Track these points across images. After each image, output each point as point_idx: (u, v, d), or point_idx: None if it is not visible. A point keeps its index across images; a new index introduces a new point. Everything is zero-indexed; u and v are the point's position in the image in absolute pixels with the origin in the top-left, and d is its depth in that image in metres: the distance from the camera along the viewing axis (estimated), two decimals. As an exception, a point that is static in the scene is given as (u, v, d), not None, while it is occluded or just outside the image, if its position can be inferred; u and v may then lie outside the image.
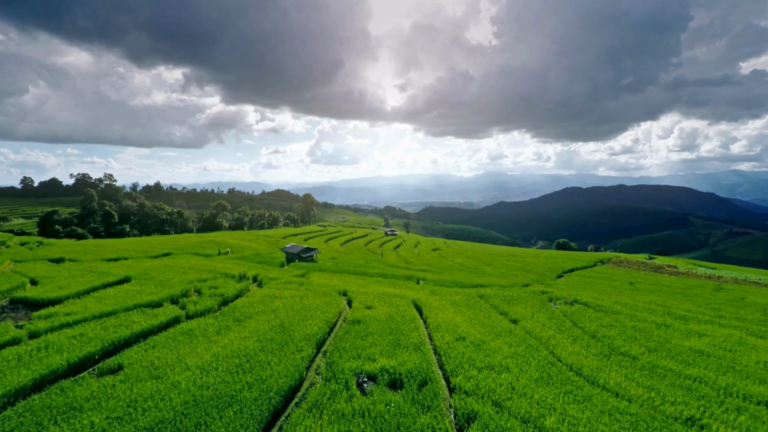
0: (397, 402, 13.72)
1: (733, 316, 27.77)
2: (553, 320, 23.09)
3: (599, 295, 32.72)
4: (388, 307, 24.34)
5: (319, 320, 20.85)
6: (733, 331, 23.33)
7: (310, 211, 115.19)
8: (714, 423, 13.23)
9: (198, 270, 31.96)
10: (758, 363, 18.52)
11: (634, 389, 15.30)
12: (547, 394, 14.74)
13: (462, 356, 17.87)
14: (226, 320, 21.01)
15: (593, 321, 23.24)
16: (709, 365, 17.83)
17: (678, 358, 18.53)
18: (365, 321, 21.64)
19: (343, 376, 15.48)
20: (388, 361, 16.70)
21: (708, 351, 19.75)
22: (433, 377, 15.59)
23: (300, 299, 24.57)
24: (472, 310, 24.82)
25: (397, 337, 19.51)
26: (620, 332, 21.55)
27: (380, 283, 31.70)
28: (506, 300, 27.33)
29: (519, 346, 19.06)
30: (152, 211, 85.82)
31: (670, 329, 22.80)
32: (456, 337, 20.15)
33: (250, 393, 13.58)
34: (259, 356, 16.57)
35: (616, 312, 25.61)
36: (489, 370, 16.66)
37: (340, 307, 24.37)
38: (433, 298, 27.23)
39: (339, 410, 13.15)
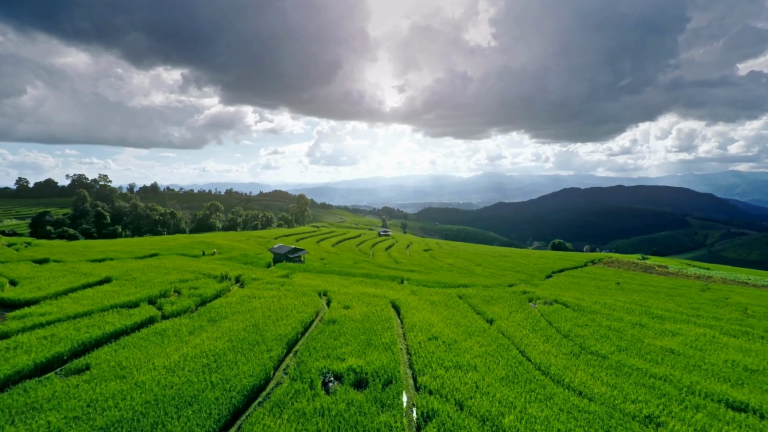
0: (358, 401, 13.82)
1: (711, 315, 27.92)
2: (529, 320, 23.21)
3: (581, 295, 32.86)
4: (365, 307, 24.43)
5: (294, 320, 20.93)
6: (707, 330, 23.49)
7: (304, 212, 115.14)
8: (671, 421, 13.36)
9: (181, 270, 32.01)
10: (726, 362, 18.68)
11: (597, 388, 15.42)
12: (510, 393, 14.87)
13: (432, 356, 17.99)
14: (202, 320, 21.08)
15: (569, 321, 23.37)
16: (677, 364, 17.96)
17: (647, 357, 18.67)
18: (341, 321, 21.74)
19: (309, 375, 15.58)
20: (356, 360, 16.80)
21: (678, 350, 19.91)
22: (399, 376, 15.68)
23: (278, 299, 24.64)
24: (450, 310, 24.93)
25: (370, 337, 19.61)
26: (594, 332, 21.68)
27: (363, 283, 31.79)
28: (486, 300, 27.44)
29: (490, 346, 19.18)
30: (145, 212, 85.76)
31: (645, 328, 22.96)
32: (429, 336, 20.25)
33: (212, 393, 13.66)
34: (228, 356, 16.65)
35: (593, 312, 25.75)
36: (456, 369, 16.77)
37: (318, 307, 24.47)
38: (413, 298, 27.33)
39: (300, 409, 13.25)
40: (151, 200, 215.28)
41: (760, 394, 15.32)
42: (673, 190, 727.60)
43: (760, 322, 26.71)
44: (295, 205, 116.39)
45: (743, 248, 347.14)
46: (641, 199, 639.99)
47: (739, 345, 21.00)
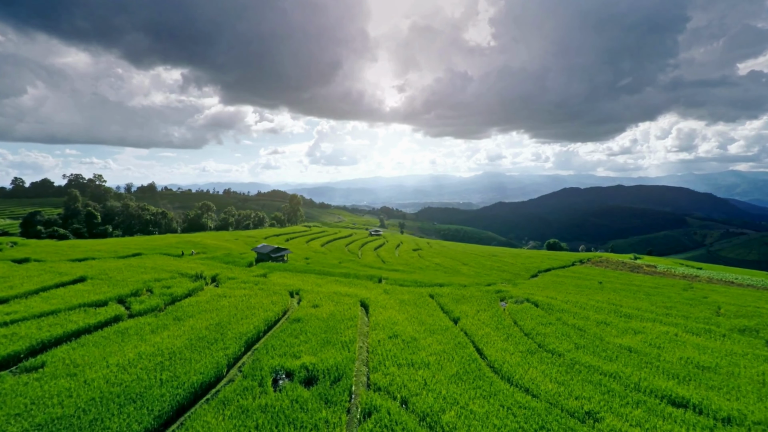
0: (304, 398, 14.04)
1: (681, 314, 28.12)
2: (495, 318, 23.43)
3: (557, 294, 33.06)
4: (334, 305, 24.66)
5: (258, 319, 21.15)
6: (671, 328, 23.70)
7: (297, 211, 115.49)
8: (609, 416, 13.58)
9: (159, 270, 32.25)
10: (681, 359, 18.89)
11: (545, 385, 15.63)
12: (456, 389, 15.09)
13: (389, 353, 18.21)
14: (167, 319, 21.30)
15: (534, 319, 23.58)
16: (630, 362, 18.16)
17: (602, 355, 18.87)
18: (306, 319, 21.97)
19: (261, 373, 15.79)
20: (310, 358, 17.02)
21: (636, 348, 20.12)
22: (349, 374, 15.91)
23: (247, 298, 24.87)
24: (418, 308, 25.15)
25: (330, 335, 19.83)
26: (556, 330, 21.89)
27: (339, 282, 32.01)
28: (456, 299, 27.65)
29: (448, 344, 19.39)
30: (137, 212, 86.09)
31: (609, 327, 23.16)
32: (390, 334, 20.47)
33: (159, 390, 13.87)
34: (184, 354, 16.86)
35: (562, 310, 25.95)
36: (409, 366, 17.00)
37: (287, 305, 24.70)
38: (384, 297, 27.56)
39: (243, 406, 13.47)
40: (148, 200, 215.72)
41: (703, 390, 15.52)
42: (673, 190, 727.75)
43: (728, 321, 26.90)
44: (288, 204, 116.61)
45: (742, 248, 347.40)
46: (641, 199, 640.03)
47: (698, 343, 21.19)
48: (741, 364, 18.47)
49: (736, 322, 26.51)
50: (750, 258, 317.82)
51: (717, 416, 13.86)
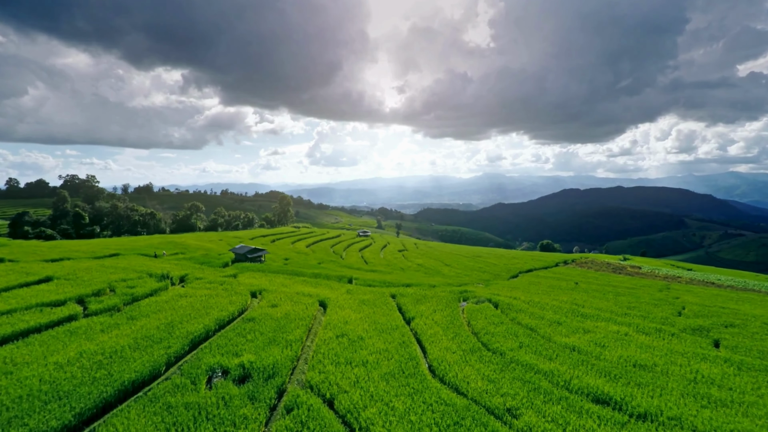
0: (231, 395, 14.36)
1: (641, 314, 28.39)
2: (448, 318, 23.73)
3: (524, 294, 33.33)
4: (292, 305, 24.97)
5: (211, 318, 21.45)
6: (624, 328, 23.99)
7: (287, 212, 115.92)
8: (528, 413, 13.89)
9: (129, 270, 32.56)
10: (620, 358, 19.18)
11: (475, 383, 15.93)
12: (386, 387, 15.40)
13: (331, 351, 18.55)
14: (121, 318, 21.60)
15: (487, 319, 23.87)
16: (569, 360, 18.44)
17: (543, 354, 19.15)
18: (260, 319, 22.29)
19: (197, 371, 16.10)
20: (250, 356, 17.32)
21: (581, 347, 20.40)
22: (284, 371, 16.22)
23: (207, 298, 25.18)
24: (375, 308, 25.45)
25: (279, 334, 20.13)
26: (506, 329, 22.17)
27: (306, 282, 32.32)
28: (417, 299, 27.95)
29: (393, 343, 19.69)
30: (126, 213, 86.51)
31: (561, 326, 23.44)
32: (338, 333, 20.80)
33: (88, 388, 14.17)
34: (126, 353, 17.16)
35: (519, 310, 26.22)
36: (347, 365, 17.31)
37: (246, 305, 25.01)
38: (345, 297, 27.86)
39: (169, 403, 13.77)
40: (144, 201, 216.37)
41: (630, 387, 15.80)
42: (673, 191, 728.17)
43: (686, 320, 27.18)
44: (278, 205, 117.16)
45: (740, 249, 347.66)
46: (640, 200, 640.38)
47: (644, 342, 21.46)
48: (678, 362, 18.75)
49: (693, 321, 26.79)
50: (748, 259, 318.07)
51: (633, 412, 14.14)
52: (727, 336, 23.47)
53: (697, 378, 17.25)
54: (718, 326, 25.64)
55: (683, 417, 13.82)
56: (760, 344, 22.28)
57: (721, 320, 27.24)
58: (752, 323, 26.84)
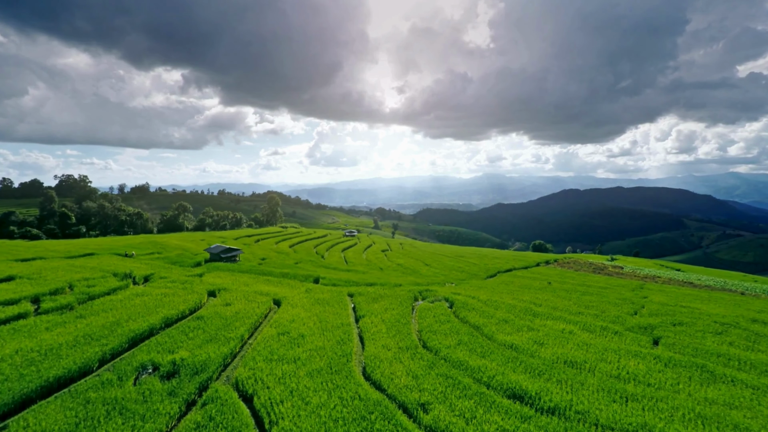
0: (153, 390, 14.75)
1: (594, 312, 28.74)
2: (396, 317, 24.08)
3: (487, 293, 33.67)
4: (246, 304, 25.34)
5: (158, 317, 21.81)
6: (570, 326, 24.33)
7: (276, 212, 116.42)
8: (439, 407, 14.30)
9: (96, 269, 32.94)
10: (553, 355, 19.52)
11: (399, 380, 16.31)
12: (309, 383, 15.79)
13: (268, 349, 18.93)
14: (70, 317, 21.94)
15: (435, 317, 24.24)
16: (501, 358, 18.79)
17: (478, 351, 19.51)
18: (208, 317, 22.67)
19: (128, 368, 16.50)
20: (185, 353, 17.69)
21: (519, 344, 20.74)
22: (212, 367, 16.59)
23: (162, 297, 25.54)
24: (328, 307, 25.81)
25: (222, 331, 20.49)
26: (449, 328, 22.52)
27: (269, 282, 32.70)
28: (374, 298, 28.31)
29: (332, 341, 20.05)
30: (113, 213, 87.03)
31: (507, 325, 23.78)
32: (282, 331, 21.19)
33: (11, 384, 14.53)
34: (62, 350, 17.50)
35: (472, 309, 26.56)
36: (279, 361, 17.71)
37: (200, 303, 25.37)
38: (302, 296, 28.22)
39: (89, 398, 14.17)
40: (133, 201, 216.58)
41: (550, 383, 16.18)
42: (672, 192, 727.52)
43: (637, 319, 27.52)
44: (267, 205, 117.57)
45: (738, 250, 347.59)
46: (640, 201, 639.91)
47: (585, 340, 21.78)
48: (609, 359, 19.10)
49: (644, 320, 27.11)
50: (746, 260, 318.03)
51: (543, 406, 14.54)
52: (670, 334, 23.78)
53: (621, 374, 17.59)
54: (667, 325, 25.94)
55: (590, 411, 14.19)
56: (699, 342, 22.61)
57: (673, 319, 27.55)
58: (702, 321, 27.14)
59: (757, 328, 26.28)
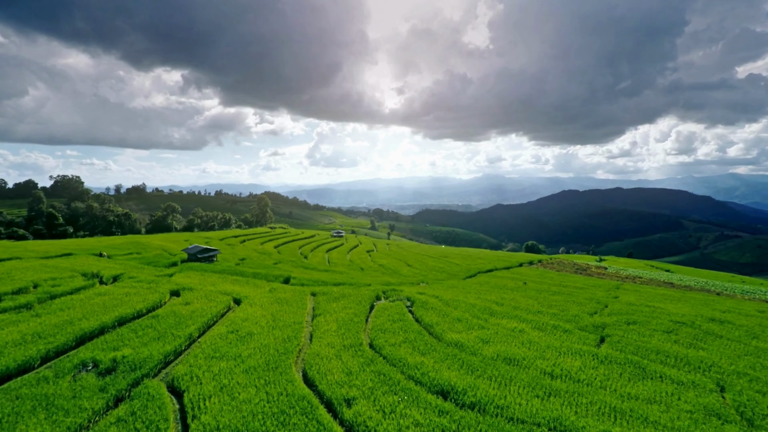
0: (85, 386, 15.13)
1: (553, 312, 29.11)
2: (350, 315, 24.47)
3: (454, 293, 34.07)
4: (205, 303, 25.71)
5: (112, 316, 22.17)
6: (523, 324, 24.71)
7: (266, 213, 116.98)
8: (363, 402, 14.67)
9: (66, 269, 33.29)
10: (495, 353, 19.92)
11: (332, 376, 16.70)
12: (242, 379, 16.18)
13: (214, 346, 19.32)
14: (26, 316, 22.25)
15: (389, 316, 24.63)
16: (441, 355, 19.15)
17: (421, 349, 19.88)
18: (163, 316, 23.03)
19: (68, 365, 16.87)
20: (127, 351, 18.07)
21: (464, 343, 21.11)
22: (150, 364, 16.96)
23: (123, 296, 25.90)
24: (287, 306, 26.19)
25: (172, 330, 20.83)
26: (400, 326, 22.90)
27: (237, 282, 33.07)
28: (335, 297, 28.69)
29: (279, 339, 20.44)
30: (101, 213, 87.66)
31: (460, 323, 24.17)
32: (232, 329, 21.59)
33: (-55, 379, 14.95)
34: (7, 349, 17.85)
35: (430, 308, 26.94)
36: (219, 359, 18.09)
37: (159, 303, 25.71)
38: (264, 295, 28.59)
39: (20, 394, 14.54)
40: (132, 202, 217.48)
41: (481, 380, 16.57)
42: (671, 193, 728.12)
43: (595, 318, 27.95)
44: (256, 206, 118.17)
45: (735, 251, 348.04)
46: (639, 202, 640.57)
47: (532, 338, 22.16)
48: (547, 356, 19.48)
49: (599, 319, 27.50)
50: (743, 260, 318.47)
51: (465, 401, 14.93)
52: (620, 332, 24.14)
53: (554, 371, 17.95)
54: (620, 324, 26.31)
55: (510, 406, 14.58)
56: (644, 340, 22.98)
57: (629, 318, 27.91)
58: (657, 321, 27.50)
59: (711, 327, 26.64)
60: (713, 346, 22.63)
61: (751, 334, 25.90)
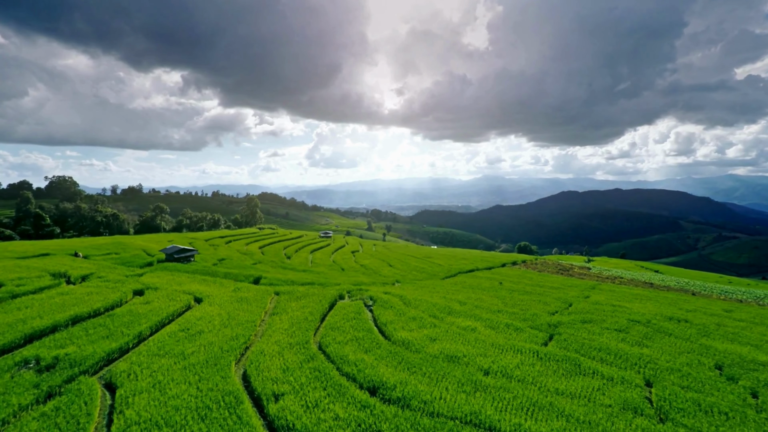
0: (20, 383, 15.47)
1: (513, 311, 29.48)
2: (306, 314, 24.79)
3: (423, 292, 34.40)
4: (165, 302, 26.02)
5: (67, 315, 22.45)
6: (476, 323, 25.08)
7: (255, 213, 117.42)
8: (290, 396, 15.06)
9: (37, 269, 33.58)
10: (439, 350, 20.30)
11: (269, 372, 17.08)
12: (177, 375, 16.54)
13: (158, 344, 19.66)
14: (-17, 314, 22.70)
15: (345, 315, 24.98)
16: (384, 353, 19.50)
17: (365, 347, 20.22)
18: (119, 315, 23.37)
19: (11, 362, 17.21)
20: (72, 349, 18.42)
21: (412, 340, 21.45)
22: (88, 362, 17.27)
23: (84, 296, 26.19)
24: (247, 305, 26.50)
25: (123, 329, 21.15)
26: (353, 325, 23.24)
27: (205, 282, 33.38)
28: (298, 297, 29.03)
29: (227, 337, 20.75)
30: (90, 214, 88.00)
31: (414, 322, 24.51)
32: (184, 328, 21.93)
33: None
34: (-48, 345, 18.25)
35: (390, 307, 27.26)
36: (162, 356, 18.43)
37: (120, 301, 26.00)
38: (228, 294, 28.88)
39: (-47, 389, 14.86)
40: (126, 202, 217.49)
41: (414, 375, 16.95)
42: (670, 194, 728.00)
43: (554, 317, 28.35)
44: (246, 206, 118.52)
45: (732, 252, 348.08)
46: (638, 203, 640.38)
47: (481, 336, 22.51)
48: (488, 353, 19.82)
49: (558, 318, 27.87)
50: (740, 261, 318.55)
51: (391, 396, 15.27)
52: (572, 331, 24.47)
53: (491, 368, 18.29)
54: (576, 322, 26.63)
55: (433, 401, 14.93)
56: (593, 338, 23.33)
57: (588, 317, 28.24)
58: (614, 319, 27.83)
59: (665, 325, 26.96)
60: (659, 343, 22.94)
61: (703, 332, 26.20)
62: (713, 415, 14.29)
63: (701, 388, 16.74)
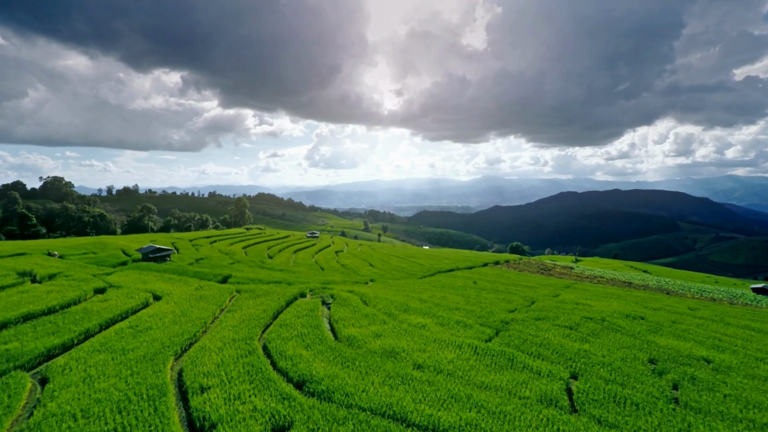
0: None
1: (471, 309, 29.84)
2: (260, 312, 25.12)
3: (388, 291, 34.73)
4: (123, 300, 26.38)
5: (19, 312, 22.75)
6: (428, 320, 25.44)
7: (244, 214, 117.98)
8: (217, 390, 15.40)
9: (7, 268, 34.00)
10: (381, 346, 20.64)
11: (203, 367, 17.40)
12: (109, 370, 16.93)
13: (102, 340, 20.02)
14: (-63, 312, 23.02)
15: (299, 312, 25.32)
16: (325, 348, 19.86)
17: (306, 343, 20.62)
18: (73, 312, 23.70)
19: (-50, 357, 17.51)
20: (15, 344, 18.78)
21: (357, 337, 21.81)
22: (23, 358, 17.59)
23: (43, 294, 26.51)
24: (205, 302, 26.84)
25: (72, 326, 21.49)
26: (303, 322, 23.58)
27: (171, 281, 33.67)
28: (258, 295, 29.37)
29: (173, 333, 21.06)
30: (77, 214, 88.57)
31: (366, 319, 24.90)
32: (133, 324, 22.32)
33: None
34: None
35: (348, 305, 27.63)
36: (102, 352, 18.79)
37: (78, 299, 26.34)
38: (188, 293, 29.18)
39: None
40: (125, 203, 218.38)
41: (347, 370, 17.28)
42: (669, 194, 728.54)
43: (509, 315, 28.72)
44: (234, 207, 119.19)
45: (730, 252, 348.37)
46: (637, 203, 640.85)
47: (428, 333, 22.83)
48: (428, 349, 20.16)
49: (513, 315, 28.24)
50: (737, 262, 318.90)
51: (316, 389, 15.65)
52: (520, 327, 24.80)
53: (425, 362, 18.63)
54: (530, 320, 26.98)
55: (356, 394, 15.29)
56: (540, 334, 23.68)
57: (543, 314, 28.61)
58: (569, 317, 28.22)
59: (618, 322, 27.29)
60: (603, 339, 23.26)
61: (653, 329, 26.52)
62: (624, 406, 14.60)
63: (625, 381, 17.06)
